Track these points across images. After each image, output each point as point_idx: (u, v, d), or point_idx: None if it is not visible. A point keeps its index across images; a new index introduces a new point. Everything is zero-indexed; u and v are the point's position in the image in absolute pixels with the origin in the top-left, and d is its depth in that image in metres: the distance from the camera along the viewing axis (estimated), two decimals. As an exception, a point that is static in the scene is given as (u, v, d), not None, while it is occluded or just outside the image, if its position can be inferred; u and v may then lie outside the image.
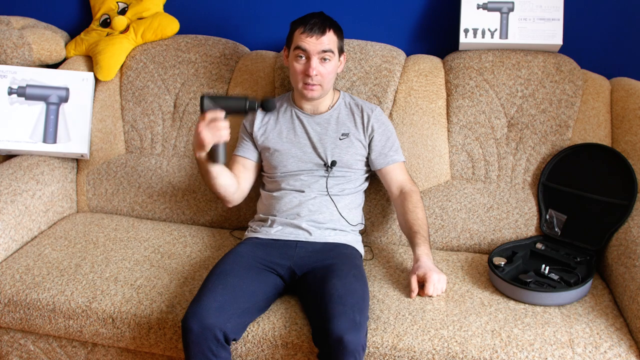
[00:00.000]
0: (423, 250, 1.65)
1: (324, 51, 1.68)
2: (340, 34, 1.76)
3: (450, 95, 2.00)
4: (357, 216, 1.81)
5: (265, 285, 1.57)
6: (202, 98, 1.56)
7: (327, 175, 1.77)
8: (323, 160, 1.77)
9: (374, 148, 1.80)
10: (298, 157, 1.78)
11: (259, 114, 1.84)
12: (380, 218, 1.94)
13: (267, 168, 1.85)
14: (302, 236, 1.70)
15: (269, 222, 1.76)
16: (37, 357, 1.73)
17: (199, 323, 1.40)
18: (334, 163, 1.76)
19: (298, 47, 1.68)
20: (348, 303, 1.43)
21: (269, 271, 1.60)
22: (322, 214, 1.74)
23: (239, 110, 1.57)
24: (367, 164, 1.83)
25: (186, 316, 1.42)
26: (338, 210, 1.74)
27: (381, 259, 1.81)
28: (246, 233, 1.80)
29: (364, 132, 1.80)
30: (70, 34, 2.36)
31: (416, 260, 1.63)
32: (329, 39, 1.69)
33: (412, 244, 1.69)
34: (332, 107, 1.81)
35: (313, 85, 1.70)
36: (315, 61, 1.68)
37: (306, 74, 1.69)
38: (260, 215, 1.82)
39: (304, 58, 1.69)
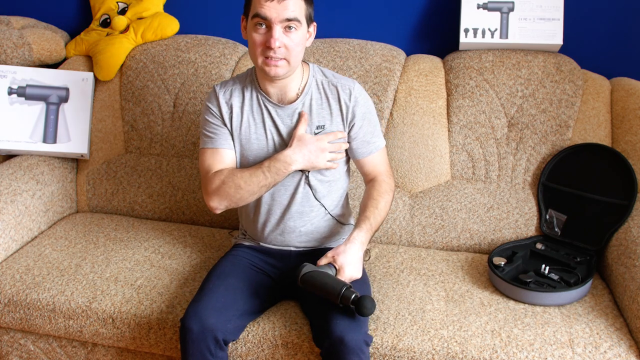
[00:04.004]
0: (360, 237, 1.47)
1: (289, 19, 1.40)
2: None
3: (450, 95, 1.99)
4: (347, 213, 1.72)
5: (264, 289, 1.56)
6: (302, 267, 1.42)
7: (308, 183, 1.57)
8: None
9: (354, 136, 1.57)
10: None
11: (216, 86, 1.58)
12: (380, 218, 1.94)
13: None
14: (294, 247, 1.65)
15: (258, 240, 1.66)
16: (37, 357, 1.73)
17: (200, 323, 1.39)
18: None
19: (257, 15, 1.40)
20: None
21: (266, 276, 1.60)
22: (313, 234, 1.62)
23: (330, 296, 1.38)
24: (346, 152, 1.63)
25: (186, 316, 1.42)
26: (330, 214, 1.64)
27: (381, 259, 1.81)
28: (237, 237, 1.75)
29: (342, 121, 1.55)
30: (70, 34, 2.36)
31: (347, 241, 1.46)
32: (295, 4, 1.40)
33: (356, 225, 1.51)
34: (302, 92, 1.54)
35: (277, 60, 1.43)
36: (277, 30, 1.40)
37: (267, 45, 1.41)
38: (248, 234, 1.69)
39: (264, 27, 1.41)
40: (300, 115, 1.52)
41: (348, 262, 1.43)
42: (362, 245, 1.48)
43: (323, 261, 1.45)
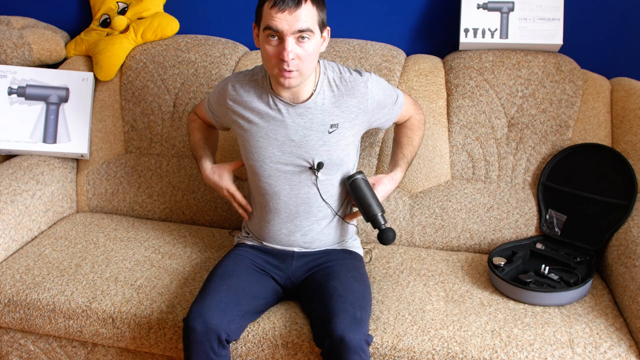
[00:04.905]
0: (399, 176, 1.69)
1: (301, 30, 1.37)
2: (321, 4, 1.43)
3: (450, 95, 1.99)
4: (351, 212, 1.72)
5: (266, 289, 1.56)
6: (359, 174, 1.59)
7: (316, 183, 1.57)
8: (309, 163, 1.55)
9: (381, 118, 1.63)
10: (277, 161, 1.56)
11: (233, 78, 1.61)
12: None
13: (243, 158, 1.65)
14: (298, 247, 1.64)
15: (261, 239, 1.68)
16: (37, 357, 1.73)
17: (203, 323, 1.39)
18: (320, 165, 1.54)
19: (268, 27, 1.38)
20: (348, 301, 1.43)
21: (268, 276, 1.60)
22: (318, 234, 1.63)
23: (364, 213, 1.55)
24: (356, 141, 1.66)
25: (189, 316, 1.42)
26: (337, 215, 1.64)
27: (381, 260, 1.81)
28: (240, 236, 1.76)
29: (362, 117, 1.57)
30: (70, 34, 2.36)
31: (390, 178, 1.67)
32: (307, 13, 1.37)
33: (396, 163, 1.71)
34: (315, 91, 1.53)
35: (290, 71, 1.41)
36: (290, 43, 1.37)
37: (281, 58, 1.39)
38: (252, 232, 1.71)
39: (276, 38, 1.39)
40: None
41: (381, 194, 1.62)
42: (397, 183, 1.69)
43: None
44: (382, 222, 1.53)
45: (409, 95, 1.77)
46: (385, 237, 1.53)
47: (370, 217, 1.54)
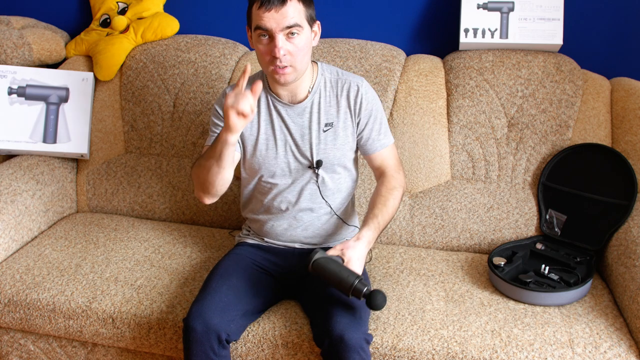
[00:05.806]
0: (368, 235, 1.48)
1: (289, 27, 1.42)
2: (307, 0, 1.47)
3: (450, 95, 1.99)
4: (352, 213, 1.74)
5: (266, 288, 1.57)
6: (314, 254, 1.42)
7: (316, 181, 1.59)
8: (309, 161, 1.58)
9: (362, 133, 1.60)
10: (279, 160, 1.59)
11: (234, 84, 1.51)
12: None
13: (242, 166, 1.67)
14: (299, 243, 1.66)
15: (263, 236, 1.68)
16: (37, 357, 1.73)
17: (203, 323, 1.39)
18: (319, 163, 1.57)
19: (258, 27, 1.43)
20: (347, 300, 1.43)
21: (268, 275, 1.61)
22: (318, 231, 1.64)
23: (341, 291, 1.39)
24: (356, 149, 1.66)
25: (189, 316, 1.42)
26: (336, 214, 1.65)
27: (381, 260, 1.81)
28: (241, 234, 1.77)
29: (351, 118, 1.59)
30: (70, 34, 2.36)
31: (356, 237, 1.47)
32: (293, 10, 1.42)
33: (364, 223, 1.52)
34: (311, 90, 1.57)
35: (284, 67, 1.45)
36: (280, 39, 1.42)
37: (273, 55, 1.43)
38: (253, 229, 1.71)
39: (267, 37, 1.44)
40: (244, 70, 1.39)
41: (355, 258, 1.44)
42: (369, 243, 1.49)
43: (331, 252, 1.46)
44: (363, 289, 1.36)
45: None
46: (376, 301, 1.35)
47: (349, 291, 1.37)
